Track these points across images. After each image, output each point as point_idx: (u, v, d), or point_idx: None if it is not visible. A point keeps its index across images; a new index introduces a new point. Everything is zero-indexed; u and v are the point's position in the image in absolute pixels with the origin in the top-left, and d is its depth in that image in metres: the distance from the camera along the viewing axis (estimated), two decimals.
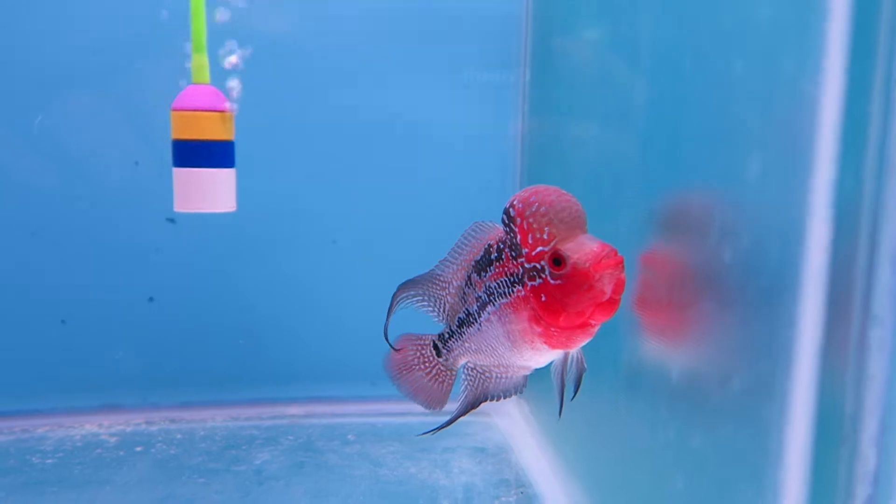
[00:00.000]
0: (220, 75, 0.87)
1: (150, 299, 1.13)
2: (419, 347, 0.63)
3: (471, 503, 0.87)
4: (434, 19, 1.13)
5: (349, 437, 1.08)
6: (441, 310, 0.60)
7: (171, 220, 1.12)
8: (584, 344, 0.51)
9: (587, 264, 0.47)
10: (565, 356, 0.54)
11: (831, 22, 0.37)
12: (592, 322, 0.48)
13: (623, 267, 0.47)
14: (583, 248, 0.47)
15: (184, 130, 0.89)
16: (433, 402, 0.62)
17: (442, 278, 0.59)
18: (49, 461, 0.96)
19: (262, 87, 0.96)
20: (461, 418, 0.60)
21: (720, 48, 0.49)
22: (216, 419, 1.12)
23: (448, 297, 0.59)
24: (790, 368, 0.41)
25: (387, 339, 0.63)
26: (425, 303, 0.61)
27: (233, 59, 1.06)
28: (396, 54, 1.13)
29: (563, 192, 0.51)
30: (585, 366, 0.54)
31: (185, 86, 0.86)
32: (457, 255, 0.58)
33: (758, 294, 0.43)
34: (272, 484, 0.91)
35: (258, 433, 1.08)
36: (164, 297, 1.13)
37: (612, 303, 0.47)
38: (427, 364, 0.62)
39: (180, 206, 0.90)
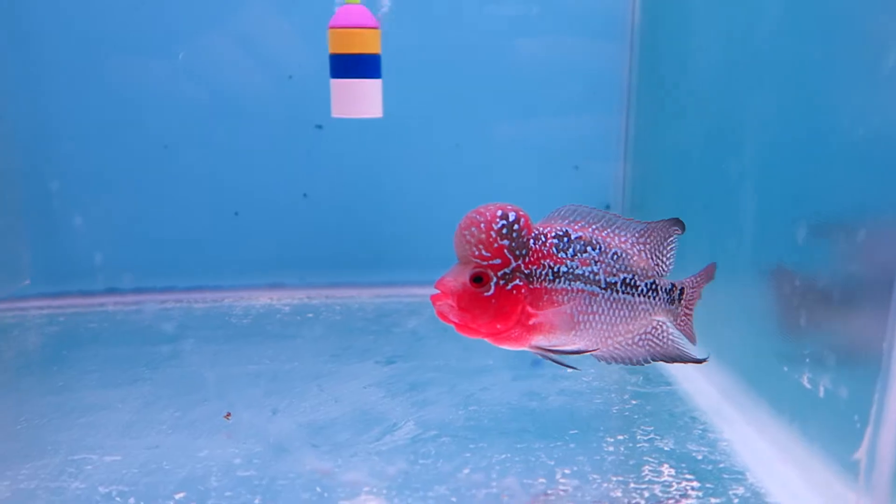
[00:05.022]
0: None
1: (304, 195, 1.32)
2: None
3: None
4: None
5: None
6: None
7: (319, 127, 1.30)
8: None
9: None
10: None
11: None
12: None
13: (433, 302, 0.61)
14: None
15: (339, 46, 1.04)
16: None
17: None
18: (245, 321, 1.18)
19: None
20: None
21: None
22: (363, 296, 1.33)
23: None
24: None
25: None
26: None
27: None
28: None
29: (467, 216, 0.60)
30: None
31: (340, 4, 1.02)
32: None
33: None
34: (427, 341, 1.11)
35: (401, 307, 1.28)
36: (316, 193, 1.32)
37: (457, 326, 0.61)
38: None
39: (337, 112, 1.06)
